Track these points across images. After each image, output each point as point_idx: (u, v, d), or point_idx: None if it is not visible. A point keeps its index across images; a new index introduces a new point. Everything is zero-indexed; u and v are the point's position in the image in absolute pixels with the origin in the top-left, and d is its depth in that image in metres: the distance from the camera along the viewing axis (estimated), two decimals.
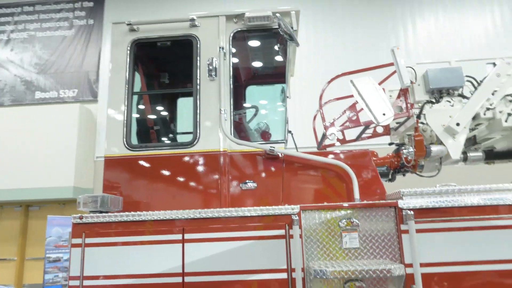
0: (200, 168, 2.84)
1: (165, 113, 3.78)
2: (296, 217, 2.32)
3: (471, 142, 3.49)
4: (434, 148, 2.98)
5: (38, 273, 10.83)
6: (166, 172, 2.85)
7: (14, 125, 13.08)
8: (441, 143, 3.04)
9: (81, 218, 2.44)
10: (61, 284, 8.84)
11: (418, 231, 2.28)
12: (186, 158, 2.85)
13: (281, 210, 2.37)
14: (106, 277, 2.34)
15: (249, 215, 2.38)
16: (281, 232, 2.34)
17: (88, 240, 2.40)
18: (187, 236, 2.38)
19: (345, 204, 2.45)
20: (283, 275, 2.29)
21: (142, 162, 2.86)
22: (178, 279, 2.32)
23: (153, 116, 3.49)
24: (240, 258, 2.34)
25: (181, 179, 2.83)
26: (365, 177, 2.77)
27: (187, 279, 2.32)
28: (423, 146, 2.95)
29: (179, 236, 2.38)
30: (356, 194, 2.64)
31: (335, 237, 2.38)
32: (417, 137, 2.97)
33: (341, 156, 2.88)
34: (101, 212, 2.48)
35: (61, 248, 9.03)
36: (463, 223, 2.29)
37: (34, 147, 12.85)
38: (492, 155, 3.33)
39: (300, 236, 2.31)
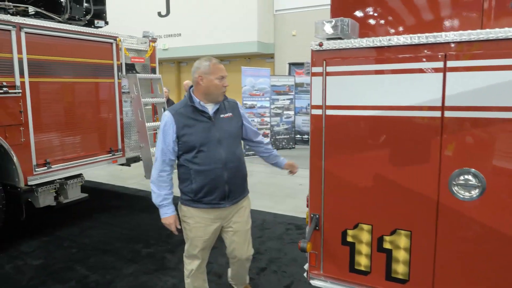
0: None
1: None
2: None
3: None
4: None
5: None
6: None
7: None
8: None
9: (320, 45, 2.23)
10: (256, 127, 10.00)
11: None
12: None
13: None
14: (351, 107, 2.19)
15: None
16: None
17: (330, 69, 2.22)
18: (450, 64, 1.94)
19: None
20: None
21: None
22: (436, 114, 1.99)
23: None
24: None
25: None
26: None
27: (448, 114, 1.97)
28: None
29: (439, 64, 1.97)
30: None
31: None
32: None
33: None
34: (340, 39, 2.21)
35: (254, 97, 9.95)
36: None
37: (220, 4, 13.44)
38: None
39: None
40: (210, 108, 2.59)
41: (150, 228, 5.13)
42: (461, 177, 1.99)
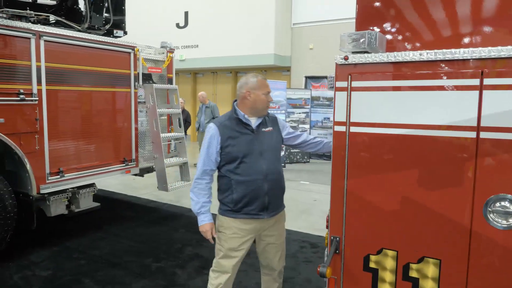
0: None
1: None
2: None
3: None
4: None
5: None
6: None
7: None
8: None
9: (346, 58, 2.12)
10: None
11: None
12: None
13: None
14: (378, 124, 2.06)
15: None
16: None
17: (355, 84, 2.11)
18: (487, 81, 1.81)
19: None
20: None
21: None
22: (471, 134, 1.85)
23: None
24: None
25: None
26: None
27: (484, 134, 1.83)
28: None
29: (475, 81, 1.83)
30: None
31: None
32: None
33: None
34: (367, 52, 2.10)
35: (270, 109, 9.85)
36: None
37: (237, 17, 13.51)
38: None
39: None
40: (254, 122, 2.70)
41: (160, 242, 5.02)
42: (498, 204, 1.83)
